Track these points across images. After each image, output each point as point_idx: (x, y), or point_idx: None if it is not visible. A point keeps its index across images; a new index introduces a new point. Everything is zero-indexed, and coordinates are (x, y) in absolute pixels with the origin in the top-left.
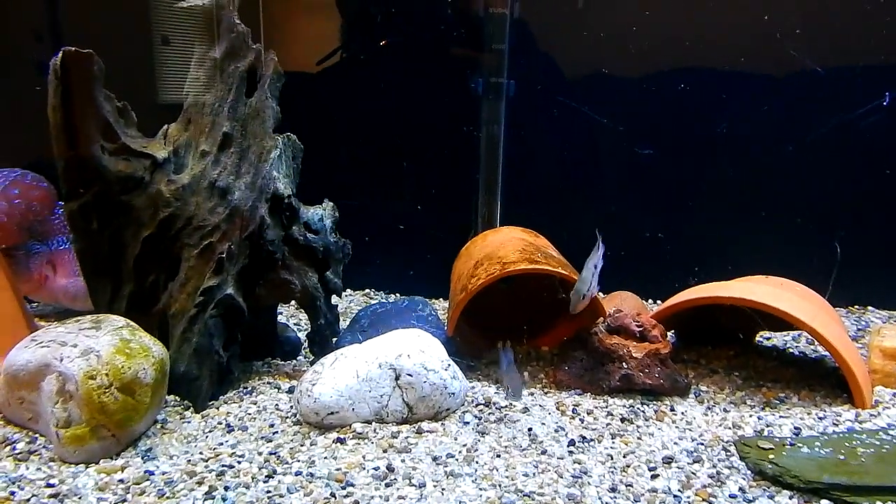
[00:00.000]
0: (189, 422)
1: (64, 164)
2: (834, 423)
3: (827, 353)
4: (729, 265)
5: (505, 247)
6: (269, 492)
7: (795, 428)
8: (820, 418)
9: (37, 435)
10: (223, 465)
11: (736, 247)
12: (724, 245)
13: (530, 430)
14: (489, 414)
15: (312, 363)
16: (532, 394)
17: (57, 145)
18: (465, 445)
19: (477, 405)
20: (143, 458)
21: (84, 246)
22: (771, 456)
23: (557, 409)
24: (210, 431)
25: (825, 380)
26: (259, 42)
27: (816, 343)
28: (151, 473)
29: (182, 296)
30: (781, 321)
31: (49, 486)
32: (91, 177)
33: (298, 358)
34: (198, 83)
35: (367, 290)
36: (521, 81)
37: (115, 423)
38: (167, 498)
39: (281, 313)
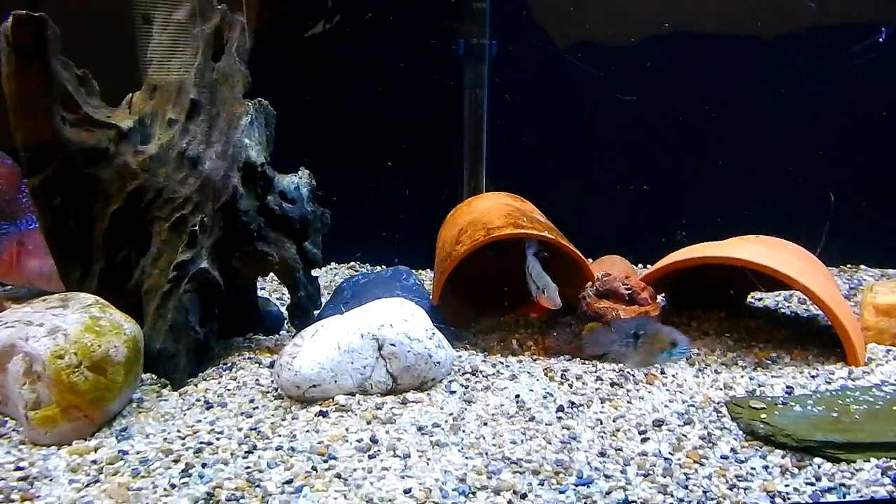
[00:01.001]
0: (166, 400)
1: (22, 136)
2: (827, 382)
3: (819, 312)
4: (720, 226)
5: (490, 212)
6: (248, 467)
7: (787, 387)
8: (812, 377)
9: (6, 418)
10: (201, 443)
11: (726, 206)
12: (714, 204)
13: (518, 396)
14: (476, 382)
15: (294, 337)
16: (521, 361)
17: (13, 117)
18: (451, 414)
19: (464, 374)
20: (117, 437)
21: (50, 223)
22: (763, 415)
23: (546, 375)
24: (188, 409)
25: (817, 339)
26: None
27: (808, 302)
28: (126, 453)
29: (155, 271)
30: (774, 281)
31: (18, 468)
32: (52, 149)
33: (281, 333)
34: (161, 48)
35: (353, 263)
36: (503, 41)
37: (86, 403)
38: (142, 477)
39: (263, 288)
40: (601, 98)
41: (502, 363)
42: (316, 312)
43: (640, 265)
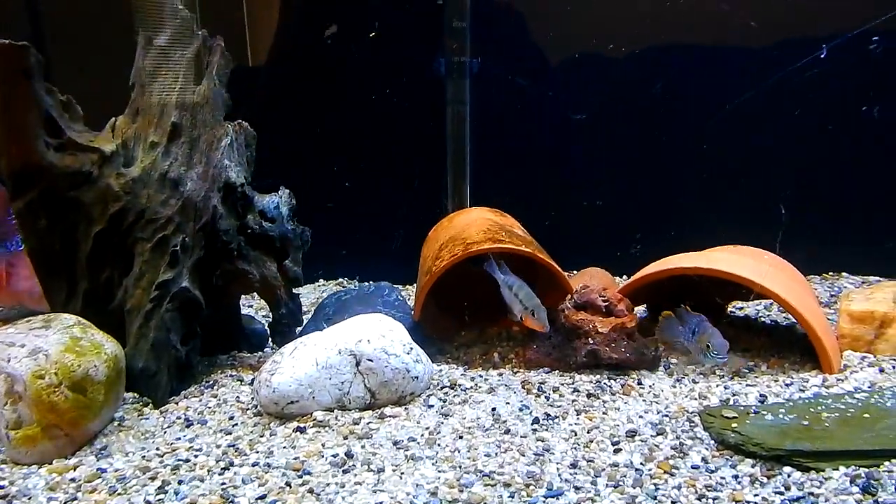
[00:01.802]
0: (147, 418)
1: (7, 160)
2: (801, 390)
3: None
4: (706, 237)
5: (470, 228)
6: (223, 484)
7: (761, 395)
8: (787, 385)
9: None
10: (178, 460)
11: (708, 217)
12: (696, 216)
13: (494, 409)
14: (454, 396)
15: (274, 354)
16: (501, 374)
17: None
18: (427, 428)
19: (442, 388)
20: (97, 456)
21: (35, 245)
22: (734, 424)
23: (523, 387)
24: (168, 427)
25: (795, 347)
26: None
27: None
28: (104, 471)
29: (137, 291)
30: (751, 290)
31: None
32: (36, 173)
33: (265, 350)
34: (144, 73)
35: (340, 280)
36: (485, 59)
37: (67, 422)
38: (118, 494)
39: (251, 306)
40: (586, 113)
41: (481, 377)
42: (298, 329)
43: (623, 276)
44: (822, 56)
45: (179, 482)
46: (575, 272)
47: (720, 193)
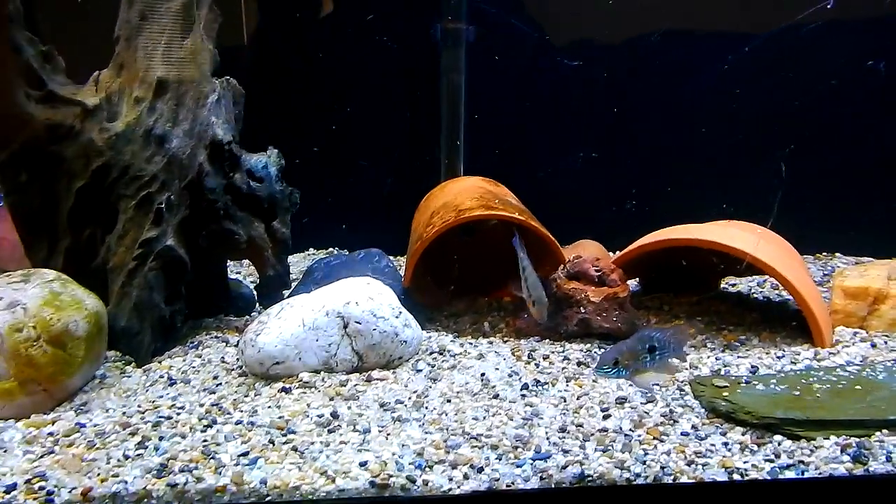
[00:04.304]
0: (129, 377)
1: None
2: (792, 362)
3: (791, 296)
4: (699, 216)
5: (462, 195)
6: (205, 441)
7: (752, 367)
8: (778, 357)
9: None
10: (160, 417)
11: (703, 192)
12: (691, 193)
13: (483, 375)
14: (443, 361)
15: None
16: (491, 342)
17: None
18: (415, 392)
19: (431, 353)
20: (76, 411)
21: (16, 200)
22: (725, 393)
23: (513, 354)
24: (151, 385)
25: (787, 322)
26: None
27: (781, 288)
28: (83, 426)
29: (120, 249)
30: (744, 264)
31: None
32: (17, 125)
33: (252, 314)
34: (129, 26)
35: (331, 249)
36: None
37: (45, 377)
38: (97, 448)
39: (239, 272)
40: (581, 84)
41: (471, 344)
42: (286, 293)
43: (617, 252)
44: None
45: (160, 438)
46: (567, 246)
47: (714, 172)
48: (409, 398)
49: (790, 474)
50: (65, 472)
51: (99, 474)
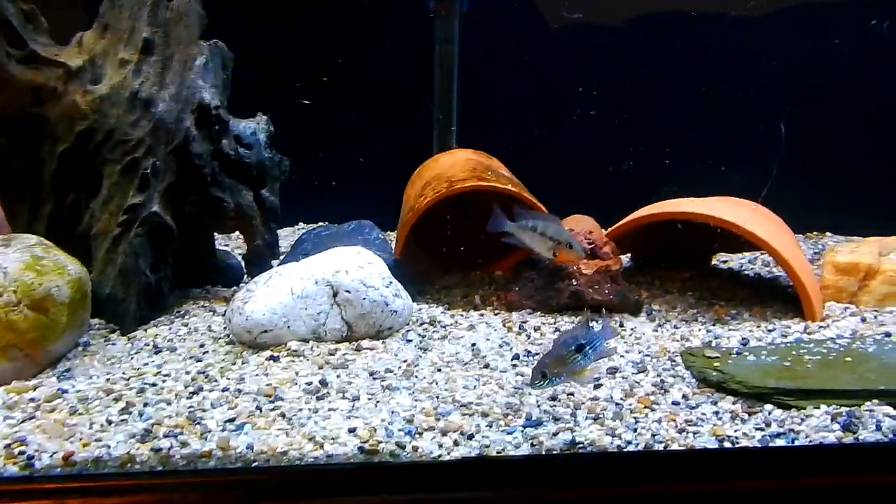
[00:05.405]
0: (114, 344)
1: None
2: (782, 335)
3: (782, 273)
4: (693, 193)
5: (454, 167)
6: (191, 407)
7: (743, 339)
8: (769, 331)
9: None
10: (145, 384)
11: (697, 170)
12: (688, 167)
13: (474, 345)
14: (434, 332)
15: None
16: (482, 314)
17: None
18: (405, 361)
19: (422, 324)
20: (59, 378)
21: None
22: (716, 364)
23: (504, 325)
24: (136, 353)
25: (778, 297)
26: None
27: (772, 265)
28: (65, 392)
29: (105, 215)
30: (738, 239)
31: None
32: None
33: (240, 285)
34: None
35: (322, 223)
36: None
37: (27, 342)
38: (79, 414)
39: (227, 245)
40: (576, 57)
41: (462, 315)
42: (275, 262)
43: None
44: None
45: (145, 404)
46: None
47: (708, 150)
48: (399, 367)
49: (780, 442)
50: (46, 436)
51: (81, 439)
